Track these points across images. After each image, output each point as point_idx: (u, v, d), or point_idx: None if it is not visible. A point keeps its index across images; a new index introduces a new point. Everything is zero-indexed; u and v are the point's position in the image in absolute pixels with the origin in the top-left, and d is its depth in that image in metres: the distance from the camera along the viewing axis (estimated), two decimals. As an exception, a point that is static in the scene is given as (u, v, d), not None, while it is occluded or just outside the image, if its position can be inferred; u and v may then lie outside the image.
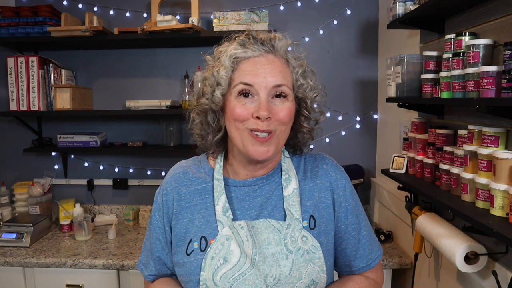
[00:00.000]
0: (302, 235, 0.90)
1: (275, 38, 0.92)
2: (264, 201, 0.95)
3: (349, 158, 2.40)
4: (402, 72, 1.52)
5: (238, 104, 0.88)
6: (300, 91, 0.93)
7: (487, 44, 1.13)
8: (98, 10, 2.41)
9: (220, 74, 0.89)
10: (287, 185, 0.95)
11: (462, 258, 1.19)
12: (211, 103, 0.91)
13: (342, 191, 0.98)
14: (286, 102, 0.89)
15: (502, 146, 1.12)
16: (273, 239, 0.89)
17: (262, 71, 0.87)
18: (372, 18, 2.35)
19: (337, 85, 2.40)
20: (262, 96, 0.86)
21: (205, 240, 0.91)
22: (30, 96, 2.25)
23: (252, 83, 0.86)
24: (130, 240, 2.13)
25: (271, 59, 0.90)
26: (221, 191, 0.94)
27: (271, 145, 0.88)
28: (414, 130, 1.62)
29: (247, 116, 0.87)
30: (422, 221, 1.44)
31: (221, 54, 0.92)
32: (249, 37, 0.91)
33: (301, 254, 0.89)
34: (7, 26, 2.18)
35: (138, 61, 2.45)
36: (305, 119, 0.96)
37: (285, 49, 0.93)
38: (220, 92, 0.89)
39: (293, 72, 0.92)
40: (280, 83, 0.88)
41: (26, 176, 2.52)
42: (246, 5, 2.32)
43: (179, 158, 1.11)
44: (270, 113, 0.86)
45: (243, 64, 0.89)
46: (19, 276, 1.91)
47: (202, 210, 0.95)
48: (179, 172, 1.01)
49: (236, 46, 0.91)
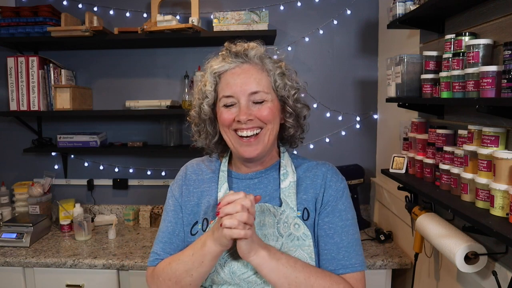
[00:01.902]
0: (295, 223, 0.98)
1: (248, 48, 1.01)
2: (262, 193, 1.04)
3: (349, 158, 2.40)
4: (402, 72, 1.52)
5: (224, 111, 1.00)
6: (279, 90, 1.02)
7: (487, 44, 1.14)
8: (98, 10, 2.41)
9: (206, 88, 1.03)
10: (284, 179, 1.04)
11: (462, 258, 1.19)
12: (202, 114, 1.05)
13: (334, 191, 1.03)
14: (266, 104, 0.99)
15: (502, 146, 1.12)
16: (267, 222, 0.99)
17: (238, 82, 0.98)
18: (372, 18, 2.35)
19: (337, 85, 2.40)
20: (242, 102, 0.98)
21: (206, 221, 1.03)
22: (30, 96, 2.25)
23: (231, 94, 0.98)
24: (130, 240, 2.13)
25: (246, 68, 1.00)
26: (224, 180, 1.06)
27: (258, 144, 1.00)
28: (414, 130, 1.62)
29: (231, 120, 0.99)
30: (422, 221, 1.44)
31: (207, 70, 1.04)
32: (227, 51, 1.02)
33: (291, 239, 0.97)
34: (7, 26, 2.18)
35: (138, 61, 2.45)
36: (289, 115, 1.05)
37: (258, 56, 1.01)
38: (206, 103, 1.03)
39: (270, 75, 1.01)
40: (255, 90, 0.98)
41: (26, 176, 2.52)
42: (246, 5, 2.32)
43: (179, 158, 1.16)
44: (251, 115, 0.97)
45: (223, 77, 1.01)
46: (19, 276, 1.91)
47: (207, 196, 1.07)
48: (193, 164, 1.16)
49: (217, 61, 1.02)
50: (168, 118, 2.35)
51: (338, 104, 2.40)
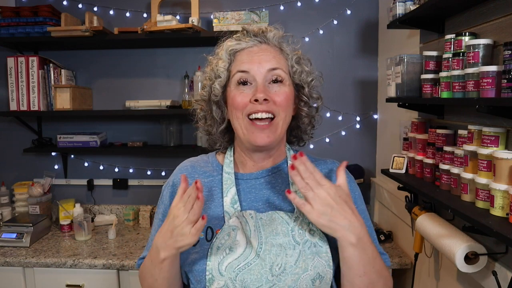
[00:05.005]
0: (310, 228, 0.91)
1: (267, 30, 0.97)
2: (269, 194, 0.98)
3: (349, 158, 2.40)
4: (402, 72, 1.52)
5: (237, 92, 0.93)
6: (296, 76, 0.97)
7: (487, 44, 1.13)
8: (98, 10, 2.41)
9: (218, 67, 0.96)
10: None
11: (462, 258, 1.19)
12: (212, 95, 0.97)
13: (351, 192, 0.97)
14: (283, 86, 0.93)
15: (502, 146, 1.11)
16: (281, 230, 0.91)
17: (256, 58, 0.92)
18: (372, 18, 2.35)
19: (337, 85, 2.40)
20: (259, 80, 0.91)
21: (211, 230, 0.94)
22: (30, 96, 2.25)
23: (247, 69, 0.92)
24: (130, 240, 2.13)
25: (265, 47, 0.95)
26: (231, 184, 0.98)
27: (271, 132, 0.92)
28: (414, 130, 1.62)
29: (246, 103, 0.91)
30: (422, 221, 1.44)
31: (220, 50, 0.98)
32: (243, 32, 0.98)
33: (308, 246, 0.89)
34: (7, 26, 2.19)
35: (138, 61, 2.45)
36: (304, 104, 1.00)
37: (277, 38, 0.97)
38: (218, 83, 0.95)
39: (288, 59, 0.97)
40: (274, 66, 0.92)
41: (26, 176, 2.52)
42: (246, 5, 2.32)
43: (179, 158, 1.12)
44: (268, 96, 0.90)
45: (239, 55, 0.95)
46: (19, 276, 1.91)
47: (208, 202, 0.98)
48: (187, 165, 1.06)
49: (232, 40, 0.97)
50: (168, 118, 2.35)
51: (338, 104, 2.40)
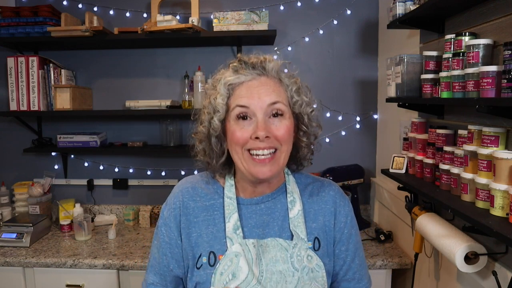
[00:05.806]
0: (308, 254, 0.95)
1: (265, 60, 0.94)
2: (269, 220, 0.98)
3: (349, 158, 2.40)
4: (402, 72, 1.52)
5: (237, 128, 0.91)
6: (296, 107, 0.95)
7: (487, 44, 1.13)
8: (98, 10, 2.41)
9: (217, 101, 0.92)
10: (292, 207, 0.99)
11: (462, 258, 1.19)
12: (211, 129, 0.94)
13: (344, 217, 1.02)
14: (284, 120, 0.92)
15: (502, 146, 1.12)
16: (281, 257, 0.93)
17: (256, 93, 0.90)
18: (372, 18, 2.35)
19: (337, 85, 2.40)
20: (259, 116, 0.89)
21: (213, 256, 0.94)
22: (30, 96, 2.24)
23: (247, 104, 0.89)
24: (130, 240, 2.13)
25: (264, 80, 0.92)
26: (233, 209, 0.97)
27: (273, 165, 0.91)
28: (414, 130, 1.62)
29: (246, 138, 0.90)
30: (422, 221, 1.44)
31: (217, 83, 0.94)
32: (241, 62, 0.94)
33: (306, 272, 0.93)
34: (7, 26, 2.18)
35: (138, 61, 2.45)
36: (303, 134, 0.98)
37: (276, 70, 0.95)
38: (217, 118, 0.93)
39: (287, 90, 0.95)
40: (274, 100, 0.90)
41: (26, 176, 2.52)
42: (246, 5, 2.32)
43: (179, 158, 1.12)
44: (268, 132, 0.89)
45: (238, 89, 0.92)
46: (19, 276, 1.91)
47: (210, 225, 0.97)
48: (188, 187, 1.03)
49: (230, 73, 0.93)
50: (168, 118, 2.35)
51: (338, 104, 2.40)
